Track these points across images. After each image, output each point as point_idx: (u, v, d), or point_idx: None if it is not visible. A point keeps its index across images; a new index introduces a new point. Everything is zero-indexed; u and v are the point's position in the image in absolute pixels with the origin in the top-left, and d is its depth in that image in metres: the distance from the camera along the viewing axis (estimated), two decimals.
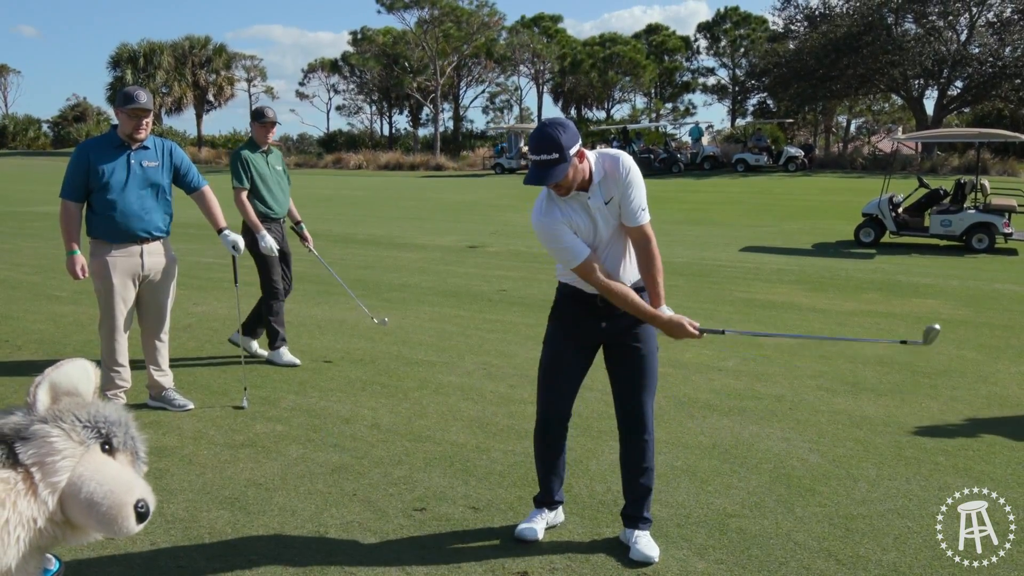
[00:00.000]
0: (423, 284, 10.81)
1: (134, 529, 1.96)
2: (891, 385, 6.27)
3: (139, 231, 5.26)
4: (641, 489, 3.70)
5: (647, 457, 3.68)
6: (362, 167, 49.31)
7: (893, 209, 15.32)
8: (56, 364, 2.16)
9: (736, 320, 8.53)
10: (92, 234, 5.29)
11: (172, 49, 61.83)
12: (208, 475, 4.49)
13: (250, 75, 69.41)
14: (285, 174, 6.88)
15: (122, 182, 5.19)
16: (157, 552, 3.63)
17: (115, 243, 5.23)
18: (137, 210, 5.24)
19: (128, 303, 5.34)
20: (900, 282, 11.19)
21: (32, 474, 1.94)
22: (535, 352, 7.08)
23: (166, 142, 5.45)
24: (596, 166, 3.45)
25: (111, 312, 5.27)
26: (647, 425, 3.66)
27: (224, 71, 65.13)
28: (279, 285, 6.76)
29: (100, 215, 5.21)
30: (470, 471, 4.57)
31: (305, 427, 5.27)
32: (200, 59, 63.38)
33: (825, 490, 4.33)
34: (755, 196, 27.40)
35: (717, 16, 59.53)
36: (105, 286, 5.25)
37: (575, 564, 3.57)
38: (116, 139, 5.24)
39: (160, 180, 5.33)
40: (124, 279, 5.27)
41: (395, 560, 3.59)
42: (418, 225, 18.94)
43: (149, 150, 5.30)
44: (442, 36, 55.50)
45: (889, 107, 56.44)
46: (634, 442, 3.68)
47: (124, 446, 2.07)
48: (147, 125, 5.22)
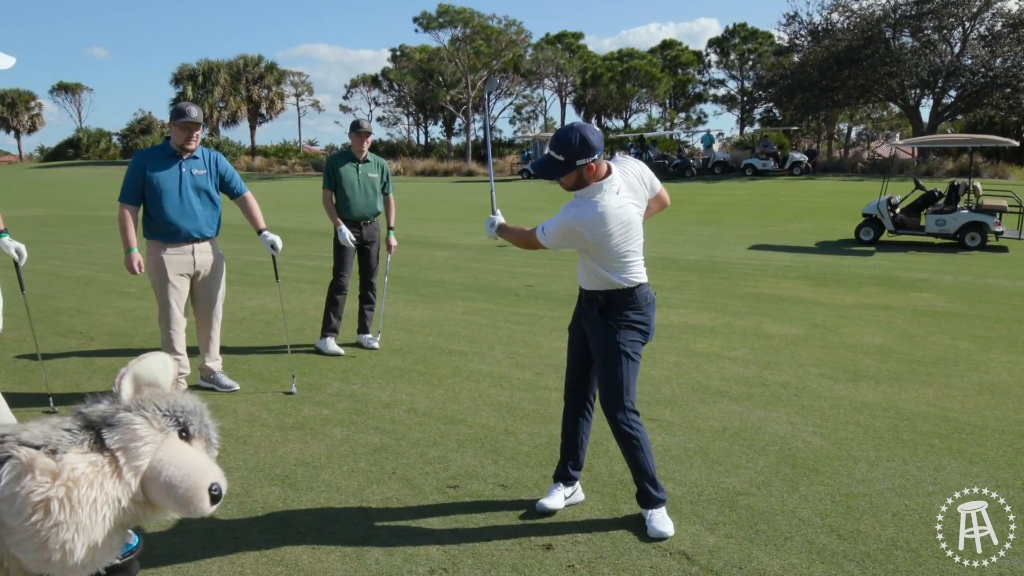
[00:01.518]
0: (456, 280, 10.82)
1: (208, 510, 1.96)
2: (890, 373, 6.19)
3: (190, 232, 5.36)
4: (632, 470, 3.68)
5: (620, 442, 3.65)
6: (400, 173, 49.40)
7: (891, 210, 15.14)
8: (138, 357, 2.18)
9: (745, 312, 8.45)
10: (148, 235, 5.38)
11: (228, 67, 62.29)
12: (261, 454, 4.52)
13: (298, 90, 69.83)
14: (380, 182, 6.91)
15: (175, 188, 5.29)
16: (214, 524, 3.66)
17: (169, 243, 5.33)
18: (188, 213, 5.34)
19: (182, 297, 5.43)
20: (898, 277, 11.04)
21: (117, 458, 1.95)
22: (559, 342, 7.09)
23: (212, 153, 5.55)
24: (616, 168, 3.51)
25: (167, 305, 5.37)
26: (609, 412, 3.66)
27: (275, 87, 65.51)
28: (344, 280, 6.84)
29: (155, 218, 5.31)
30: (499, 452, 4.57)
31: (349, 411, 5.29)
32: (253, 76, 63.79)
33: (828, 470, 4.28)
34: (763, 198, 27.15)
35: (726, 32, 58.92)
36: (161, 282, 5.34)
37: (595, 538, 3.56)
38: (169, 149, 5.35)
39: (208, 186, 5.44)
40: (178, 275, 5.38)
41: (430, 532, 3.60)
42: (451, 226, 18.96)
43: (198, 159, 5.41)
44: (473, 52, 55.42)
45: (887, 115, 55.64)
46: (610, 427, 3.70)
47: (199, 433, 2.08)
48: (197, 137, 5.34)
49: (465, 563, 3.33)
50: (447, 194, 32.55)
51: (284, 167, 57.85)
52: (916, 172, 32.36)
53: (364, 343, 6.98)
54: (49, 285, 10.28)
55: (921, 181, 16.34)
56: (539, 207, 24.74)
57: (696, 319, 8.19)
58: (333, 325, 6.85)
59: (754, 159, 38.48)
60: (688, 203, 24.53)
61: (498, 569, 3.29)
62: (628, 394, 3.58)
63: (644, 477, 3.63)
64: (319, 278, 10.05)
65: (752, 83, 55.33)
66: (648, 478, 3.63)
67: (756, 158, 38.53)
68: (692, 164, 39.23)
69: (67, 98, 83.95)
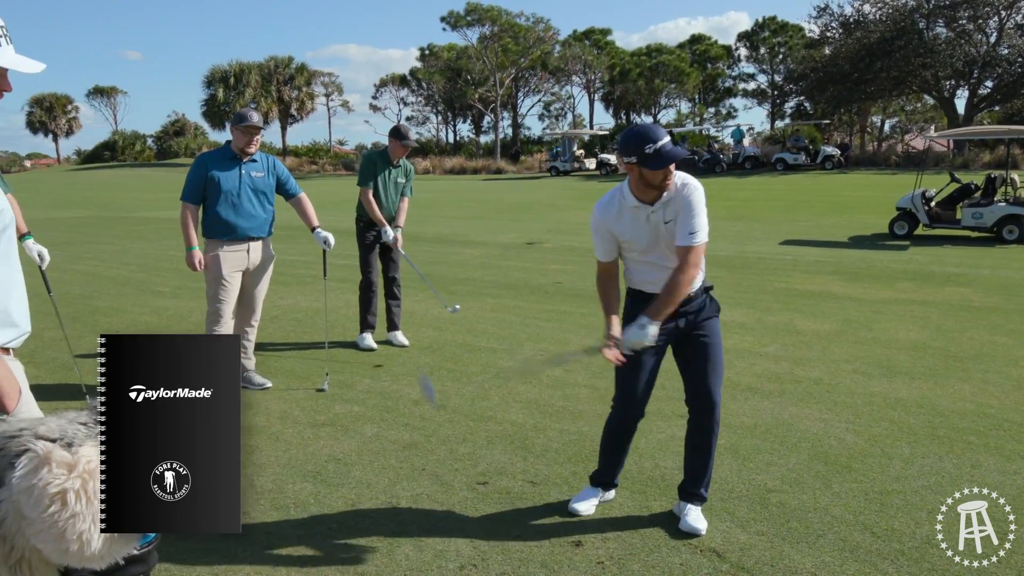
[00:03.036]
0: (485, 278, 10.84)
1: None
2: (924, 369, 6.09)
3: (247, 231, 5.54)
4: (700, 468, 3.65)
5: (711, 440, 3.63)
6: (429, 171, 49.59)
7: (926, 203, 14.88)
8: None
9: (776, 308, 8.37)
10: (206, 234, 5.55)
11: (259, 69, 62.91)
12: (293, 451, 4.56)
13: (328, 90, 70.27)
14: (405, 184, 6.98)
15: (234, 189, 5.49)
16: (247, 520, 3.70)
17: (226, 240, 5.49)
18: (246, 213, 5.52)
19: (231, 296, 5.55)
20: (933, 272, 10.86)
21: None
22: (588, 339, 7.07)
23: (270, 157, 5.77)
24: (673, 186, 3.43)
25: (216, 301, 5.49)
26: (715, 410, 3.60)
27: (305, 87, 66.03)
28: (373, 276, 6.92)
29: (214, 217, 5.48)
30: (528, 448, 4.56)
31: (379, 408, 5.32)
32: (284, 77, 64.36)
33: (861, 467, 4.22)
34: (794, 193, 26.86)
35: (756, 25, 58.37)
36: (215, 279, 5.49)
37: (625, 535, 3.54)
38: (230, 152, 5.55)
39: (266, 188, 5.63)
40: (232, 272, 5.53)
41: (460, 528, 3.61)
42: (480, 224, 18.98)
43: (257, 162, 5.60)
44: (501, 50, 55.49)
45: (921, 107, 54.80)
46: (703, 425, 3.62)
47: None
48: (257, 141, 5.55)
49: (494, 559, 3.33)
50: (476, 192, 32.60)
51: (315, 167, 58.32)
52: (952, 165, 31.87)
53: (394, 340, 7.02)
54: (86, 285, 10.46)
55: (957, 174, 16.05)
56: (567, 204, 24.71)
57: (726, 315, 8.08)
58: (370, 323, 6.94)
59: (785, 153, 38.10)
60: (718, 198, 24.34)
61: (527, 565, 3.28)
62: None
63: (708, 473, 3.67)
64: (351, 276, 10.12)
65: (783, 77, 54.80)
66: (711, 474, 3.68)
67: (787, 152, 38.15)
68: (722, 159, 38.94)
69: (103, 101, 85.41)
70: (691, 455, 3.69)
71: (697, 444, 3.66)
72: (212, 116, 64.38)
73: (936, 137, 19.40)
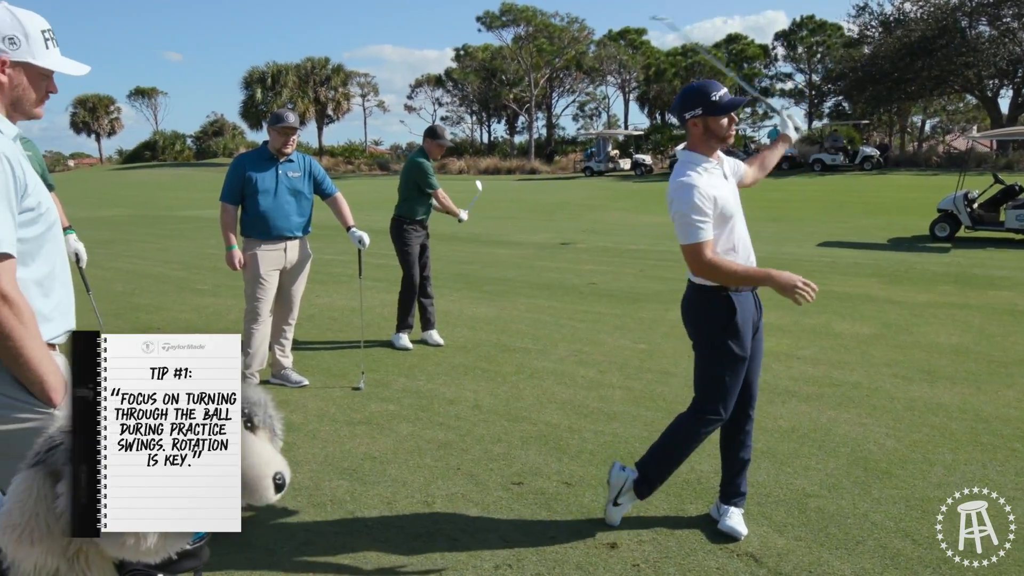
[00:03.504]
0: (519, 278, 10.84)
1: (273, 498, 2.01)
2: (967, 373, 5.98)
3: (284, 230, 5.59)
4: (740, 462, 3.61)
5: (750, 433, 3.61)
6: (464, 172, 49.74)
7: (968, 205, 14.59)
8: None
9: (813, 310, 8.27)
10: (245, 233, 5.62)
11: (296, 70, 63.60)
12: (329, 448, 4.60)
13: (364, 91, 70.86)
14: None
15: (271, 189, 5.54)
16: (285, 516, 3.74)
17: (264, 240, 5.55)
18: (283, 213, 5.58)
19: (268, 294, 5.61)
20: (975, 275, 10.65)
21: None
22: (623, 340, 7.05)
23: (307, 157, 5.81)
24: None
25: (254, 300, 5.56)
26: (755, 403, 3.59)
27: (341, 88, 66.62)
28: (415, 279, 6.96)
29: (252, 216, 5.55)
30: (563, 449, 4.55)
31: (414, 407, 5.34)
32: (320, 78, 64.98)
33: (902, 473, 4.15)
34: (832, 194, 26.52)
35: (794, 24, 57.72)
36: (252, 278, 5.55)
37: (661, 537, 3.52)
38: (267, 153, 5.61)
39: (302, 188, 5.68)
40: (269, 271, 5.59)
41: (494, 528, 3.61)
42: (514, 224, 18.99)
43: (294, 163, 5.65)
44: (536, 51, 55.49)
45: (963, 107, 53.85)
46: (742, 419, 3.58)
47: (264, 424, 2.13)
48: (293, 141, 5.60)
49: (529, 560, 3.33)
50: (510, 192, 32.62)
51: (350, 167, 58.78)
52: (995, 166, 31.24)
53: (429, 340, 7.05)
54: (128, 282, 10.63)
55: (1000, 175, 15.72)
56: (601, 204, 24.65)
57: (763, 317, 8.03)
58: (408, 322, 6.99)
59: (823, 154, 37.67)
60: (754, 199, 24.09)
61: (562, 567, 3.28)
62: None
63: (747, 466, 3.64)
64: (386, 276, 10.18)
65: (820, 76, 54.12)
66: (747, 466, 3.64)
67: (825, 153, 37.72)
68: None
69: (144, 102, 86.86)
70: (728, 451, 3.65)
71: (735, 439, 3.61)
72: (250, 116, 65.21)
73: (979, 137, 19.05)
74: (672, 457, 3.55)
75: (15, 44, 2.10)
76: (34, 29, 2.13)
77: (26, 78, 2.15)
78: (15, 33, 2.10)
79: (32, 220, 2.11)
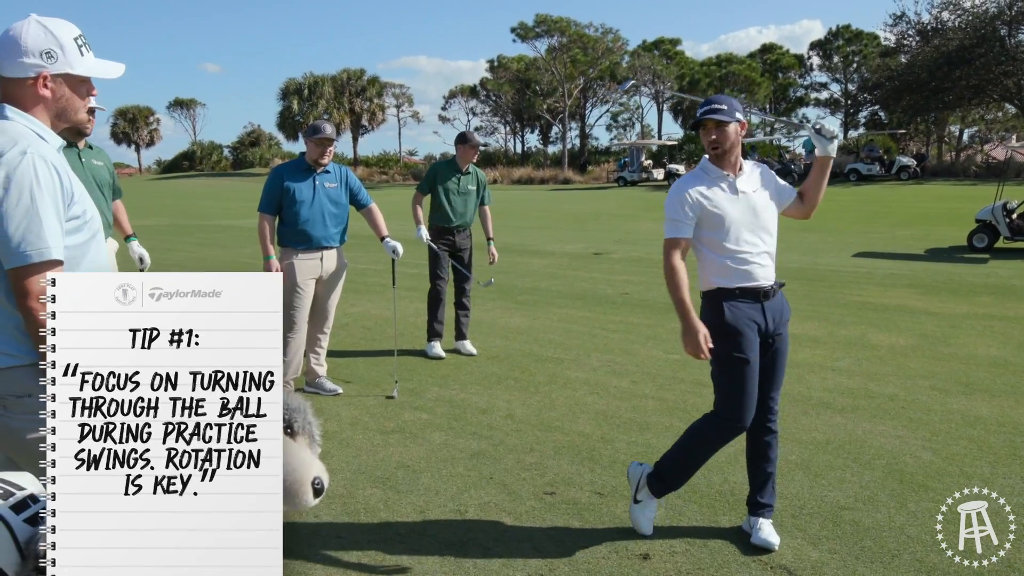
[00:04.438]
0: (552, 288, 10.85)
1: (311, 503, 2.03)
2: (1005, 386, 5.87)
3: (321, 240, 5.66)
4: (763, 476, 3.59)
5: (773, 446, 3.58)
6: (497, 181, 49.86)
7: (1007, 215, 14.33)
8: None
9: (849, 321, 8.17)
10: (282, 243, 5.70)
11: (332, 81, 64.29)
12: (363, 457, 4.63)
13: (399, 101, 71.36)
14: (477, 193, 7.12)
15: (308, 200, 5.61)
16: (319, 524, 3.78)
17: (300, 249, 5.62)
18: (320, 223, 5.64)
19: (305, 303, 5.67)
20: (1015, 286, 10.46)
21: None
22: (656, 351, 7.02)
23: (343, 168, 5.88)
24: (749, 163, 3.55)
25: (291, 309, 5.61)
26: (776, 417, 3.57)
27: (376, 99, 67.21)
28: (441, 286, 7.01)
29: (289, 226, 5.62)
30: (596, 459, 4.55)
31: (447, 416, 5.37)
32: (355, 89, 65.63)
33: (939, 486, 4.09)
34: (867, 204, 26.20)
35: (829, 34, 57.22)
36: (289, 287, 5.61)
37: (694, 548, 3.50)
38: (304, 164, 5.68)
39: (339, 198, 5.75)
40: (306, 280, 5.65)
41: (527, 538, 3.62)
42: (547, 234, 19.00)
43: (330, 174, 5.73)
44: (570, 61, 55.55)
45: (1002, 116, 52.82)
46: (762, 431, 3.55)
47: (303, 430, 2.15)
48: (330, 152, 5.66)
49: (561, 570, 3.33)
50: (543, 202, 32.65)
51: (385, 177, 59.21)
52: None
53: (462, 349, 7.08)
54: None
55: None
56: (634, 214, 24.58)
57: (798, 328, 7.96)
58: (436, 330, 7.01)
59: (859, 164, 37.26)
60: None
61: None
62: None
63: (773, 478, 3.60)
64: (419, 285, 10.24)
65: (856, 86, 53.53)
66: (773, 479, 3.61)
67: (861, 163, 37.29)
68: (794, 170, 38.16)
69: (182, 113, 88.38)
70: (753, 464, 3.63)
71: (759, 452, 3.59)
72: (286, 127, 66.03)
73: (1018, 147, 18.69)
74: (687, 459, 3.59)
75: (52, 57, 2.15)
76: (67, 39, 2.17)
77: (67, 88, 2.21)
78: (51, 46, 2.13)
79: (77, 228, 2.18)
